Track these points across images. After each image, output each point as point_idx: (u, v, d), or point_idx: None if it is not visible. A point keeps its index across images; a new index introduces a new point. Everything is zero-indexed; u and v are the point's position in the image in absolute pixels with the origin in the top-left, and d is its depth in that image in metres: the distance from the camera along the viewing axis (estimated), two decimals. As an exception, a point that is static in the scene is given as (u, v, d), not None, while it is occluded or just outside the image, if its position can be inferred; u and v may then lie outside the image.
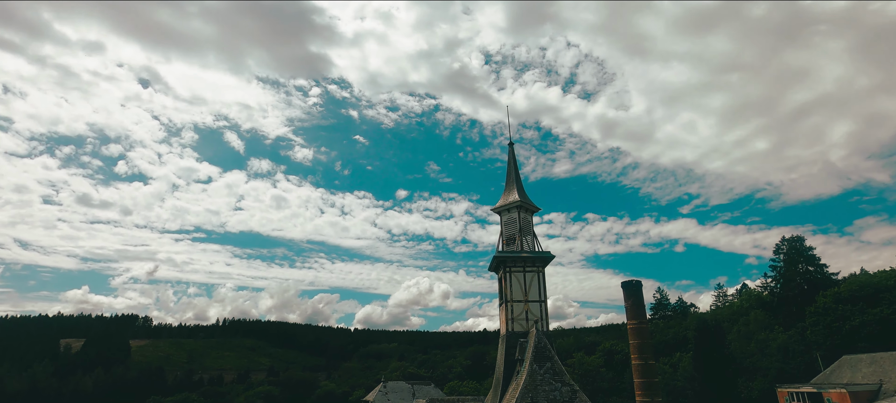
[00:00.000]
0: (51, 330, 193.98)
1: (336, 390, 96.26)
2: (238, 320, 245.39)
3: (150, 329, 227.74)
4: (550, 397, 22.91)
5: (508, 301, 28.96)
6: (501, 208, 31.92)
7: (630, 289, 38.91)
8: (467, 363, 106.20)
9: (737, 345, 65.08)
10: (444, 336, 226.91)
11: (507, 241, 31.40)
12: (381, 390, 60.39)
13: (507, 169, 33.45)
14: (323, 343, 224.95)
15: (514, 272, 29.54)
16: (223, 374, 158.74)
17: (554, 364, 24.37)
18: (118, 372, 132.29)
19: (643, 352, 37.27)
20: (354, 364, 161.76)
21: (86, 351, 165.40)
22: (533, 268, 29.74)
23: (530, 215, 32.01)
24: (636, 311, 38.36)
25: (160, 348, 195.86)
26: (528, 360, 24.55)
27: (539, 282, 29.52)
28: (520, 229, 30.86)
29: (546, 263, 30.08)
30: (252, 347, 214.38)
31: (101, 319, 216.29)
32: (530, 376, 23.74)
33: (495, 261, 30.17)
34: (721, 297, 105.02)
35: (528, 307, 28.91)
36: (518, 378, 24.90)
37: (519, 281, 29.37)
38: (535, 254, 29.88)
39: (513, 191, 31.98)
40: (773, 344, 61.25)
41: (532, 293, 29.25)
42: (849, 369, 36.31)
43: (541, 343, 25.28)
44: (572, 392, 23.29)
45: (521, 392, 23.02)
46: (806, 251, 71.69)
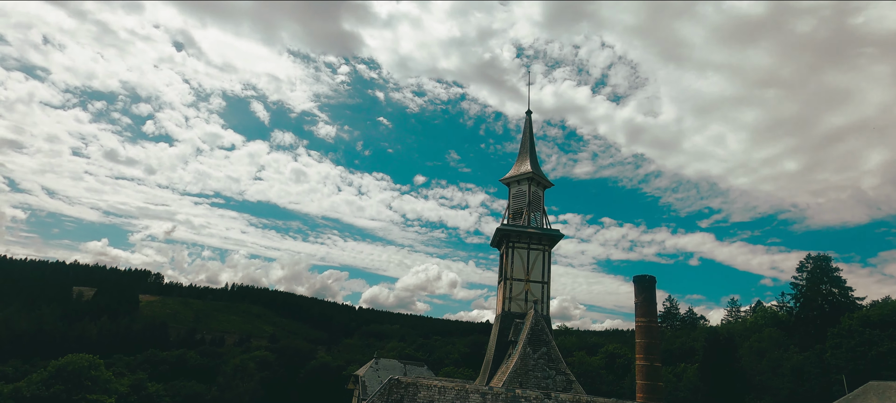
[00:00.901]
0: (65, 277, 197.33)
1: (332, 363, 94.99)
2: (246, 286, 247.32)
3: (161, 286, 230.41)
4: (542, 384, 20.26)
5: (508, 278, 26.29)
6: (511, 179, 29.13)
7: (642, 284, 35.86)
8: (466, 351, 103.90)
9: (747, 362, 61.54)
10: (447, 324, 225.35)
11: (513, 215, 28.65)
12: (372, 366, 58.35)
13: (522, 138, 30.61)
14: (327, 317, 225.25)
15: (518, 248, 26.82)
16: (225, 336, 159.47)
17: (550, 350, 21.68)
18: (124, 323, 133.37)
19: (650, 353, 34.29)
20: (355, 341, 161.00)
21: (96, 300, 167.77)
22: (538, 246, 26.96)
23: (541, 190, 29.18)
24: (647, 308, 35.33)
25: (168, 305, 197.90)
26: (522, 343, 21.91)
27: (544, 262, 26.76)
28: (528, 203, 28.06)
29: (554, 242, 27.30)
30: (257, 314, 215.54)
31: (114, 271, 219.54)
32: (522, 360, 21.10)
33: (498, 235, 27.47)
34: (733, 312, 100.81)
35: (528, 287, 26.20)
36: (509, 361, 22.29)
37: (521, 259, 26.65)
38: (543, 231, 27.08)
39: (525, 162, 29.15)
40: (787, 364, 57.57)
41: (535, 272, 26.51)
42: (876, 396, 32.83)
43: (538, 326, 22.60)
44: (567, 382, 20.60)
45: (509, 375, 20.41)
46: (831, 271, 67.43)
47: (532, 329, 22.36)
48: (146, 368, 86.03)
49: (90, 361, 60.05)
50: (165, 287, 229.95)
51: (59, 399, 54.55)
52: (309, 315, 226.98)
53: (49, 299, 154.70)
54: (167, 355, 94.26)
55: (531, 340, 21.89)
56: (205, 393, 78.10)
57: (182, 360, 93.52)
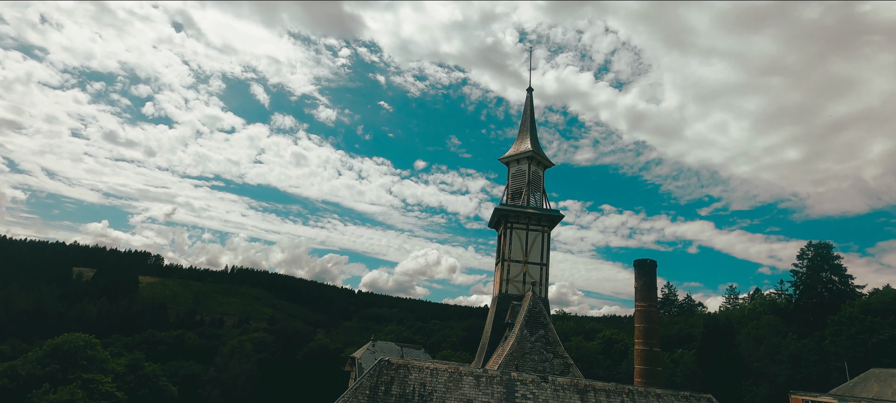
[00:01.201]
0: (65, 257, 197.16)
1: (329, 345, 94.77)
2: (246, 269, 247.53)
3: (161, 268, 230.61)
4: (539, 368, 19.53)
5: (505, 259, 25.46)
6: (510, 158, 28.15)
7: (643, 269, 35.11)
8: (463, 334, 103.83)
9: (745, 348, 61.26)
10: (445, 308, 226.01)
11: (512, 195, 27.74)
12: (369, 348, 58.02)
13: (523, 116, 29.56)
14: (326, 300, 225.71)
15: (516, 229, 25.95)
16: (225, 318, 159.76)
17: (548, 333, 20.93)
18: (123, 304, 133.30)
19: (649, 337, 33.71)
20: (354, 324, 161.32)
21: (96, 281, 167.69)
22: (538, 227, 26.09)
23: (542, 170, 28.22)
24: (646, 293, 34.65)
25: (168, 287, 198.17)
26: (519, 325, 21.15)
27: (543, 243, 25.92)
28: (528, 183, 27.12)
29: (553, 223, 26.43)
30: (257, 296, 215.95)
31: (114, 252, 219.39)
32: (519, 342, 20.36)
33: (496, 215, 26.58)
34: (731, 300, 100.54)
35: (527, 269, 25.39)
36: (505, 344, 21.56)
37: (520, 240, 25.79)
38: (542, 212, 26.19)
39: (525, 140, 28.15)
40: (785, 351, 57.24)
41: (533, 254, 25.69)
42: (877, 383, 32.33)
43: (535, 308, 21.82)
44: (565, 366, 19.88)
45: (505, 358, 19.68)
46: (832, 259, 66.84)
47: (530, 311, 21.59)
48: (144, 348, 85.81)
49: (86, 340, 59.65)
50: (165, 269, 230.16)
51: (54, 377, 54.17)
52: (308, 298, 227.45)
53: (49, 279, 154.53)
54: (165, 335, 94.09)
55: (528, 322, 21.13)
56: (202, 374, 77.91)
57: (180, 341, 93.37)
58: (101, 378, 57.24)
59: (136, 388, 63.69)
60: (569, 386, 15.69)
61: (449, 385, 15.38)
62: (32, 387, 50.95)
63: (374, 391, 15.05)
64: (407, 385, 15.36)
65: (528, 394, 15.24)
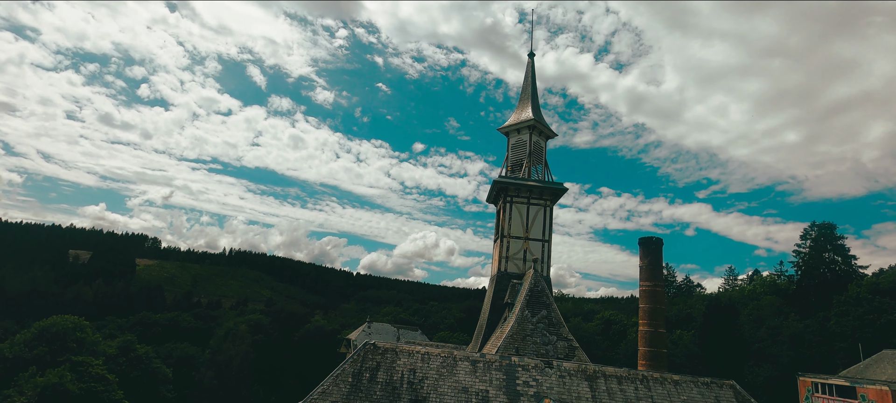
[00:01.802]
0: (62, 240, 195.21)
1: (326, 326, 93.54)
2: (244, 251, 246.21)
3: (159, 250, 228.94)
4: (542, 350, 17.82)
5: (505, 236, 23.61)
6: (510, 127, 26.13)
7: (648, 247, 33.31)
8: (461, 316, 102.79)
9: (746, 329, 60.06)
10: (443, 290, 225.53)
11: (512, 167, 25.79)
12: (364, 330, 56.73)
13: (524, 83, 27.42)
14: (324, 282, 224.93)
15: (516, 203, 24.06)
16: (222, 300, 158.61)
17: (551, 314, 19.18)
18: (119, 286, 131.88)
19: (654, 318, 32.10)
20: (352, 306, 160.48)
21: (92, 263, 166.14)
22: (539, 201, 24.20)
23: (544, 140, 26.22)
24: (652, 272, 32.92)
25: (166, 269, 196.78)
26: (520, 305, 19.39)
27: (545, 218, 24.05)
28: (529, 154, 25.15)
29: (556, 197, 24.52)
30: (255, 278, 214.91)
31: (111, 235, 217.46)
32: (519, 324, 18.61)
33: (495, 188, 24.65)
34: (730, 281, 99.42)
35: (527, 245, 23.56)
36: (504, 325, 19.83)
37: (520, 215, 23.92)
38: (544, 185, 24.27)
39: (526, 108, 26.08)
40: (787, 332, 56.02)
41: (535, 230, 23.84)
42: (890, 364, 30.89)
43: (537, 287, 20.04)
44: (570, 348, 18.18)
45: (505, 341, 17.95)
46: (835, 240, 65.32)
47: (531, 290, 19.82)
48: (138, 330, 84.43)
49: (75, 322, 58.06)
50: (163, 251, 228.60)
51: (42, 360, 52.67)
52: (307, 280, 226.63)
53: (44, 262, 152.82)
54: (160, 317, 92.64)
55: (530, 302, 19.36)
56: (197, 356, 76.67)
57: (175, 323, 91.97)
58: (92, 361, 55.77)
59: (128, 370, 62.31)
60: (576, 372, 13.94)
61: (442, 372, 13.61)
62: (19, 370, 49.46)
63: (357, 378, 13.28)
64: (394, 371, 13.59)
65: (530, 381, 13.50)
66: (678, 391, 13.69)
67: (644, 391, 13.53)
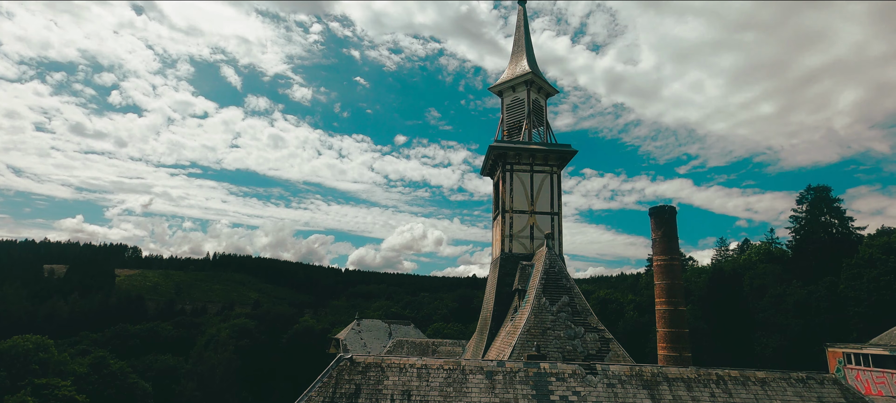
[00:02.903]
0: (36, 255, 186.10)
1: (315, 326, 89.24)
2: (229, 255, 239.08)
3: (140, 259, 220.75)
4: (568, 347, 14.01)
5: (507, 210, 19.67)
6: (504, 85, 22.09)
7: (661, 217, 29.62)
8: (454, 305, 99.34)
9: (748, 299, 57.52)
10: (434, 281, 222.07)
11: (509, 132, 21.82)
12: (353, 328, 52.51)
13: (516, 34, 23.37)
14: (313, 281, 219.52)
15: (518, 171, 20.10)
16: (208, 306, 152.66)
17: (574, 300, 15.34)
18: (96, 299, 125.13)
19: (672, 295, 28.41)
20: (342, 303, 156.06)
21: (69, 278, 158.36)
22: (544, 168, 20.30)
23: (543, 98, 22.28)
24: (667, 244, 29.22)
25: (148, 278, 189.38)
26: (534, 292, 15.50)
27: (552, 187, 20.17)
28: (528, 114, 21.19)
29: (564, 162, 20.64)
30: (241, 281, 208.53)
31: (89, 247, 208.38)
32: (537, 315, 14.74)
33: (491, 155, 20.62)
34: (722, 252, 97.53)
35: (534, 220, 19.69)
36: (516, 317, 15.97)
37: (523, 185, 20.00)
38: (550, 147, 20.35)
39: (521, 60, 22.06)
40: (791, 299, 53.52)
41: (542, 201, 19.95)
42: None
43: (553, 268, 16.18)
44: (602, 342, 14.38)
45: (521, 337, 14.07)
46: (832, 202, 63.08)
47: (546, 272, 15.93)
48: (115, 344, 79.05)
49: (37, 342, 52.88)
50: (144, 260, 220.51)
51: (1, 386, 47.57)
52: (295, 280, 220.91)
53: (16, 279, 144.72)
54: (139, 328, 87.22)
55: (546, 287, 15.49)
56: (179, 367, 71.77)
57: (154, 333, 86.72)
58: (58, 383, 50.71)
59: (100, 389, 57.34)
60: (629, 377, 10.07)
61: (448, 392, 9.62)
62: (-29, 400, 44.37)
63: (327, 411, 9.23)
64: (381, 395, 9.56)
65: (569, 395, 9.61)
66: (768, 393, 9.94)
67: (724, 397, 9.75)
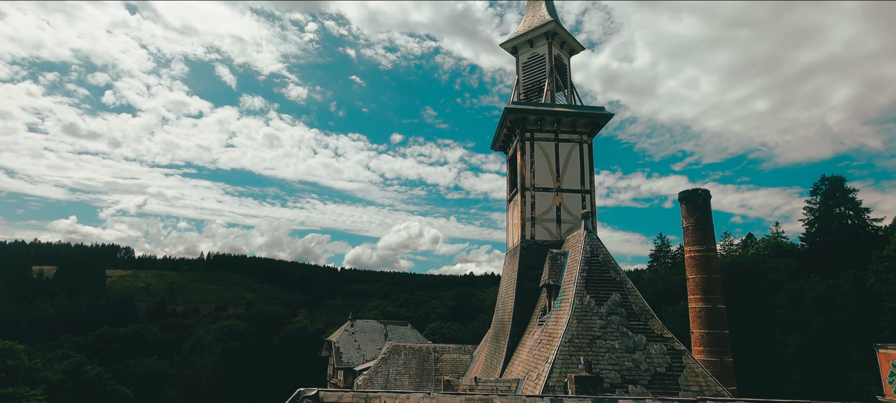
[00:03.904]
0: (25, 257, 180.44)
1: (309, 326, 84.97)
2: (223, 255, 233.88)
3: (133, 260, 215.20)
4: (628, 363, 10.00)
5: (527, 188, 15.64)
6: (520, 38, 18.03)
7: (694, 203, 25.72)
8: (452, 304, 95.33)
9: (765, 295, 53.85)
10: (431, 279, 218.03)
11: (526, 96, 17.79)
12: (347, 329, 48.39)
13: (531, -21, 19.30)
14: (309, 280, 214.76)
15: (540, 140, 16.07)
16: (201, 306, 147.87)
17: (628, 298, 11.32)
18: (84, 301, 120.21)
19: (710, 291, 24.56)
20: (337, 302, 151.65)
21: (58, 279, 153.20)
22: (571, 135, 16.28)
23: (566, 55, 18.27)
24: (701, 233, 25.34)
25: (140, 279, 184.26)
26: (574, 288, 11.46)
27: (582, 159, 16.15)
28: (550, 71, 17.16)
29: (596, 128, 16.60)
30: (236, 281, 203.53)
31: (80, 248, 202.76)
32: (580, 318, 10.70)
33: (506, 121, 16.52)
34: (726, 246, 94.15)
35: (561, 200, 15.66)
36: (547, 320, 11.96)
37: (547, 156, 15.97)
38: (580, 110, 16.32)
39: (539, 9, 18.03)
40: (810, 295, 49.87)
41: (570, 177, 15.93)
42: None
43: (597, 256, 12.16)
44: (672, 355, 10.37)
45: (562, 349, 10.04)
46: (846, 193, 59.61)
47: (588, 261, 11.91)
48: (97, 348, 74.51)
49: (4, 348, 48.37)
50: (137, 261, 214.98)
51: (-38, 397, 43.16)
52: (290, 279, 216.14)
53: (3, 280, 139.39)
54: (124, 331, 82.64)
55: (590, 282, 11.46)
56: (165, 371, 67.35)
57: (141, 336, 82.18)
58: (26, 391, 46.32)
59: (76, 397, 53.04)
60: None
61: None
62: (-73, 412, 40.04)
63: None
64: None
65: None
66: None
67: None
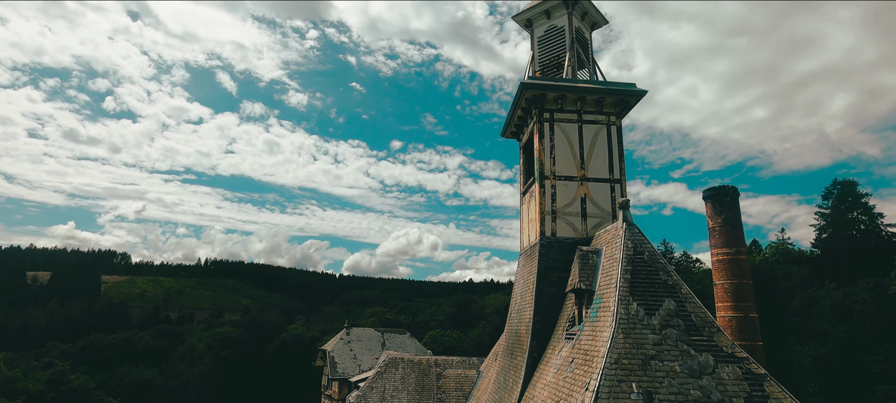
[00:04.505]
0: (20, 262, 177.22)
1: (305, 334, 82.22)
2: (221, 261, 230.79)
3: (130, 266, 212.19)
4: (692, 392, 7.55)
5: (547, 177, 13.25)
6: (534, 8, 15.67)
7: (722, 200, 22.89)
8: (451, 310, 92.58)
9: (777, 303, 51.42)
10: (430, 285, 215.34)
11: (542, 71, 15.47)
12: (342, 337, 45.80)
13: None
14: (306, 286, 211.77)
15: (561, 122, 13.70)
16: (196, 313, 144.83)
17: (685, 306, 8.90)
18: (77, 307, 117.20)
19: (742, 298, 21.53)
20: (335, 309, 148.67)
21: (52, 285, 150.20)
22: (598, 116, 13.93)
23: (588, 28, 15.97)
24: (731, 234, 22.39)
25: (137, 285, 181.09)
26: (615, 294, 9.04)
27: (611, 144, 13.81)
28: (571, 44, 14.83)
29: (626, 108, 14.25)
30: (233, 288, 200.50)
31: (76, 253, 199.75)
32: (627, 332, 8.26)
33: (522, 100, 14.10)
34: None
35: (587, 190, 13.29)
36: (580, 333, 9.54)
37: (569, 140, 13.61)
38: (607, 86, 13.98)
39: (558, -27, 15.74)
40: (826, 303, 47.45)
41: (596, 164, 13.57)
42: None
43: (641, 254, 9.75)
44: (751, 380, 7.94)
45: (607, 371, 7.61)
46: (859, 197, 57.44)
47: (632, 260, 9.50)
48: (86, 356, 71.67)
49: (-18, 358, 45.81)
50: (134, 267, 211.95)
51: (-67, 409, 40.52)
52: (288, 285, 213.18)
53: None
54: (114, 338, 79.75)
55: (635, 286, 9.05)
56: (155, 379, 64.55)
57: (131, 344, 79.31)
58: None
59: (58, 408, 50.29)
60: None
61: None
62: None
63: None
64: None
65: None
66: None
67: None
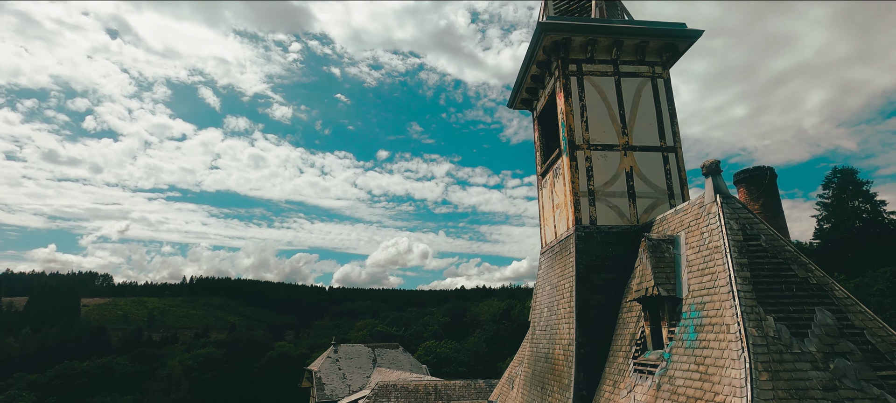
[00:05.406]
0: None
1: (293, 351, 77.57)
2: (207, 278, 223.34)
3: (112, 287, 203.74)
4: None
5: (578, 146, 9.79)
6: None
7: (758, 182, 19.61)
8: (445, 320, 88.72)
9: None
10: (421, 294, 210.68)
11: (560, 15, 12.07)
12: (330, 356, 41.75)
13: None
14: (295, 301, 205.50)
15: (592, 75, 10.28)
16: (180, 333, 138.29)
17: (851, 321, 5.43)
18: (52, 334, 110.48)
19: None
20: (325, 323, 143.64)
21: (27, 311, 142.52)
22: (640, 67, 10.52)
23: (615, -35, 12.66)
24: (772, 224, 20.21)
25: (119, 306, 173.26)
26: (735, 305, 5.54)
27: (659, 102, 10.39)
28: (598, -21, 11.48)
29: (675, 56, 10.84)
30: (220, 305, 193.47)
31: (55, 277, 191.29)
32: (772, 371, 4.72)
33: (539, 49, 10.62)
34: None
35: (633, 162, 9.86)
36: (663, 368, 6.08)
37: (602, 97, 10.17)
38: (649, 27, 10.60)
39: None
40: (836, 295, 44.78)
41: (642, 129, 10.12)
42: None
43: (755, 237, 6.26)
44: None
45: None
46: (860, 186, 55.35)
47: (744, 249, 6.03)
48: (56, 386, 66.16)
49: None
50: (117, 288, 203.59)
51: None
52: (276, 300, 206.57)
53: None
54: (88, 365, 74.13)
55: (762, 290, 5.57)
56: (130, 408, 59.56)
57: (108, 370, 73.82)
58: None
59: (17, 447, 45.25)
60: None
61: None
62: None
63: None
64: None
65: None
66: None
67: None
